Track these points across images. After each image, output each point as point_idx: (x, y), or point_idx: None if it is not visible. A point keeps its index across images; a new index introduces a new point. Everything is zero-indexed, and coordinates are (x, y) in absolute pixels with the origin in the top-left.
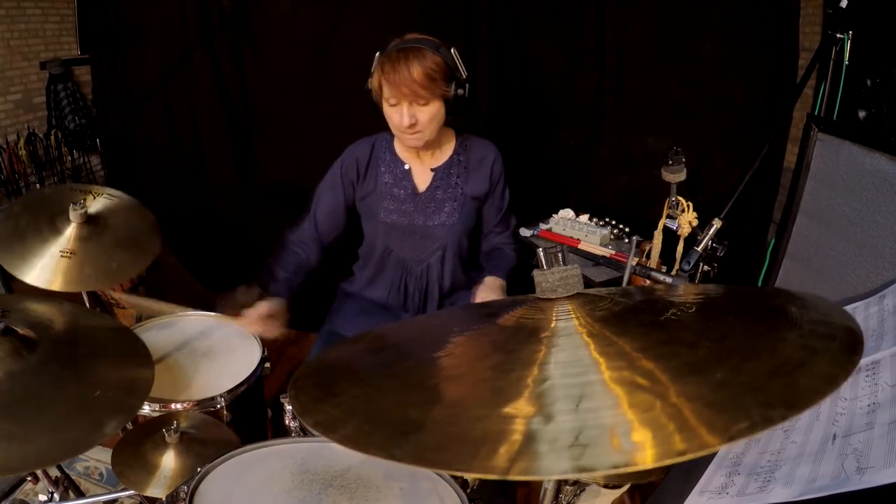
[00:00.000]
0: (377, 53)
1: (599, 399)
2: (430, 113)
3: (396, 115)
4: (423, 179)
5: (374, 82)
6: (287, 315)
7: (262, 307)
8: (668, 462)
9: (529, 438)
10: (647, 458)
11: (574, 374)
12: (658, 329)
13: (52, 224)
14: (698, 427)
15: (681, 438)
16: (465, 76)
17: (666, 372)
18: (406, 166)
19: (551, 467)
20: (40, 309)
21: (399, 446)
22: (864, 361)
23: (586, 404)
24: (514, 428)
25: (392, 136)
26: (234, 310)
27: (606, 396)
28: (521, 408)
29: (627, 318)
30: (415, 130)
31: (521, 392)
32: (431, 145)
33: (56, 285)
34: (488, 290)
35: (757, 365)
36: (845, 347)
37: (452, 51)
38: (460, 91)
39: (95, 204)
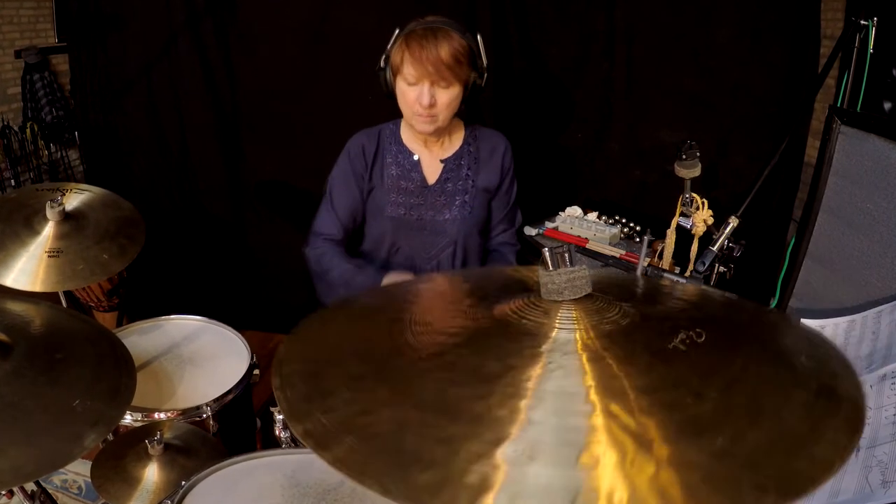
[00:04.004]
0: (396, 31)
1: (597, 452)
2: (449, 96)
3: (414, 93)
4: (432, 171)
5: (394, 58)
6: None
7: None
8: None
9: (524, 495)
10: None
11: (572, 413)
12: (664, 363)
13: (28, 226)
14: None
15: None
16: (485, 65)
17: (666, 431)
18: (415, 157)
19: None
20: (16, 309)
21: (395, 482)
22: (888, 369)
23: (586, 459)
24: (510, 476)
25: (397, 125)
26: None
27: (604, 451)
28: (518, 449)
29: (634, 338)
30: (431, 113)
31: (517, 426)
32: (441, 135)
33: (48, 286)
34: None
35: (759, 434)
36: (847, 426)
37: (478, 37)
38: (479, 80)
39: (71, 200)
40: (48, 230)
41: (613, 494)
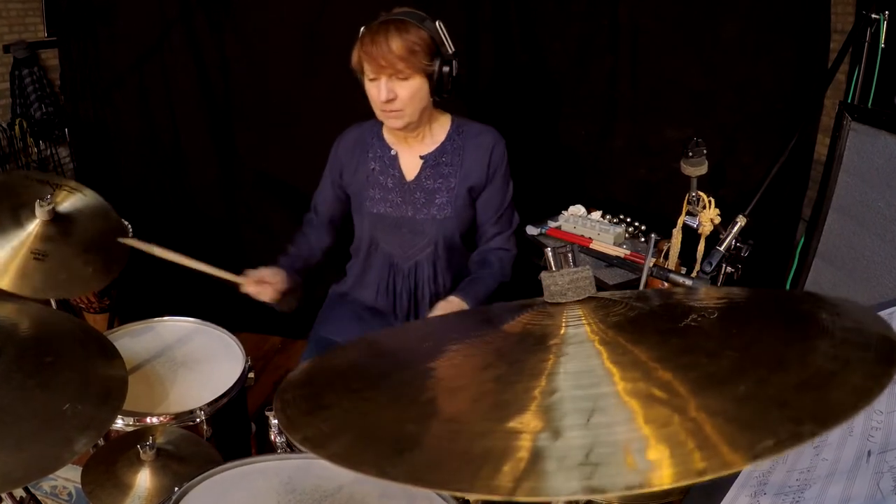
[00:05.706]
0: (362, 28)
1: (612, 413)
2: (410, 88)
3: (375, 89)
4: (411, 167)
5: (354, 57)
6: (287, 287)
7: (262, 272)
8: (686, 483)
9: (536, 456)
10: (663, 477)
11: (585, 386)
12: (677, 336)
13: (14, 217)
14: (720, 444)
15: (701, 456)
16: (451, 52)
17: (685, 384)
18: (393, 152)
19: (560, 487)
20: (4, 311)
21: (394, 464)
22: None
23: (598, 419)
24: (519, 444)
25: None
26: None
27: (620, 410)
28: (527, 422)
29: (644, 324)
30: (394, 108)
31: (527, 405)
32: (420, 129)
33: (29, 291)
34: (447, 309)
35: (784, 377)
36: (881, 358)
37: (438, 24)
38: (446, 68)
39: (62, 201)
40: (34, 227)
41: (633, 444)
